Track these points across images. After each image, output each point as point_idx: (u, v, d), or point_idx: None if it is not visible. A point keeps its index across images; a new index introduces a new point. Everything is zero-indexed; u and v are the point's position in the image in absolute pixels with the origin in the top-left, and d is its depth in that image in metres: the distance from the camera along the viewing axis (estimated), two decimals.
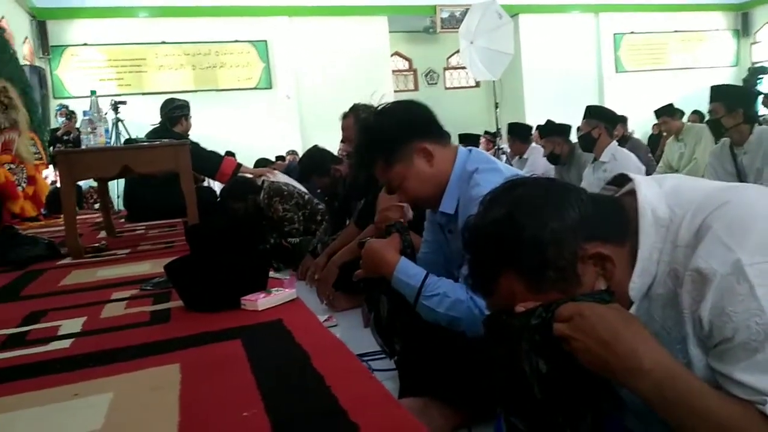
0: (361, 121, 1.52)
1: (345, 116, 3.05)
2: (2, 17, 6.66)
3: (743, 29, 13.59)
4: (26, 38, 9.58)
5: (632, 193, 0.87)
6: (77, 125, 7.88)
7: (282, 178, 4.49)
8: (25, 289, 2.10)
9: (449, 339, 1.37)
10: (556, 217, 0.81)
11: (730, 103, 3.02)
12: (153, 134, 4.24)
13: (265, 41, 11.53)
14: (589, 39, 13.32)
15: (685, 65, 13.58)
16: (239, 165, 4.57)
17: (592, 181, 3.75)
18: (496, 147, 7.41)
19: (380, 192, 2.20)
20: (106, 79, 10.73)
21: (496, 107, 8.23)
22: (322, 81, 11.64)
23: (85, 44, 10.65)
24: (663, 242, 0.82)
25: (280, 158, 9.43)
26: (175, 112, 4.62)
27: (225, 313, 1.50)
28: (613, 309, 0.78)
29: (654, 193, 0.86)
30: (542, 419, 0.82)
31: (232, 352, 1.19)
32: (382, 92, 11.98)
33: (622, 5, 13.29)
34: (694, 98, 9.66)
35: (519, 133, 5.47)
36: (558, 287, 0.81)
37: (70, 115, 7.98)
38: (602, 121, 3.74)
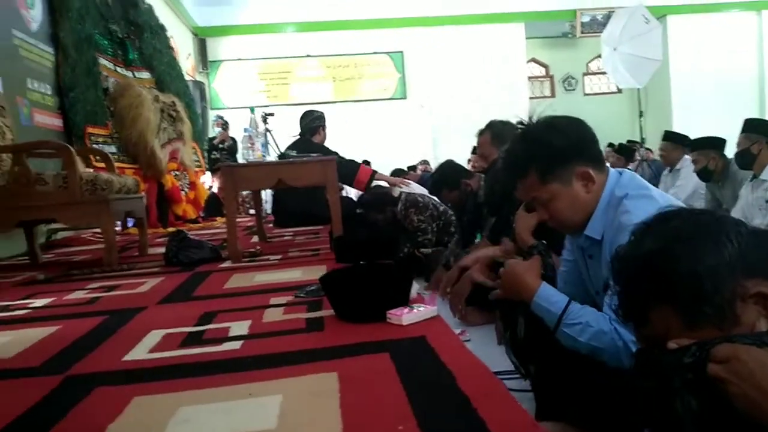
0: (527, 129, 1.48)
1: (481, 133, 3.07)
2: (172, 37, 7.44)
3: None
4: (189, 54, 10.60)
5: None
6: (231, 134, 8.63)
7: (418, 189, 4.61)
8: (196, 290, 2.38)
9: (589, 365, 1.36)
10: (712, 252, 0.81)
11: None
12: (295, 145, 4.56)
13: (401, 52, 11.82)
14: (749, 39, 12.17)
15: None
16: (374, 172, 4.77)
17: (750, 201, 3.47)
18: (640, 159, 7.01)
19: (518, 209, 2.20)
20: (256, 91, 11.60)
21: (641, 116, 7.79)
22: (456, 90, 11.70)
23: (239, 59, 11.56)
24: None
25: (411, 168, 9.62)
26: (314, 123, 4.94)
27: (372, 325, 1.61)
28: None
29: None
30: None
31: (381, 364, 1.29)
32: (517, 100, 11.86)
33: None
34: None
35: (676, 141, 5.11)
36: (714, 324, 0.80)
37: (225, 125, 8.73)
38: (764, 136, 3.45)
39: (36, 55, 4.52)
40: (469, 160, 7.44)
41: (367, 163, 10.03)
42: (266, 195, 6.25)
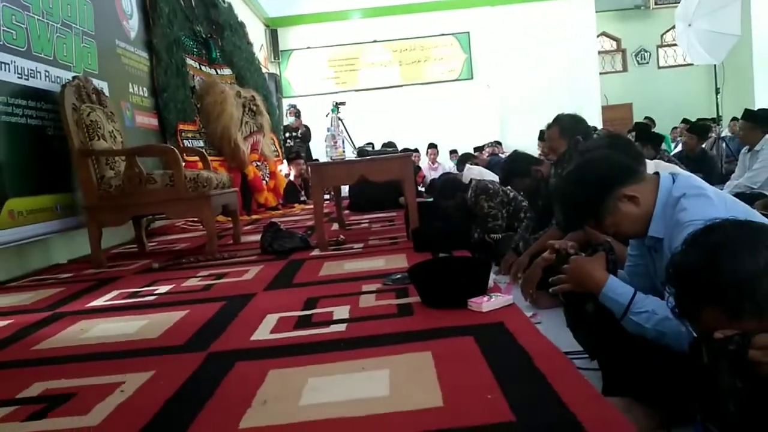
0: (557, 190, 1.64)
1: (549, 127, 3.19)
2: (244, 23, 7.77)
3: None
4: (262, 46, 11.02)
5: None
6: (303, 122, 9.00)
7: (488, 175, 4.77)
8: (295, 277, 2.69)
9: (653, 349, 1.53)
10: (750, 260, 0.98)
11: None
12: None
13: (468, 32, 11.83)
14: None
15: None
16: None
17: None
18: (716, 136, 6.85)
19: None
20: (325, 78, 11.95)
21: (717, 92, 7.56)
22: (523, 69, 11.62)
23: (308, 47, 11.91)
24: None
25: (479, 149, 9.69)
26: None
27: (455, 311, 1.85)
28: None
29: None
30: (735, 429, 1.01)
31: (468, 346, 1.53)
32: (586, 75, 11.58)
33: None
34: None
35: (758, 120, 4.93)
36: (754, 317, 0.98)
37: (298, 114, 9.10)
38: None
39: (134, 61, 4.98)
40: (540, 148, 7.45)
41: (433, 145, 10.26)
42: None
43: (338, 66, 12.11)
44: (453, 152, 10.47)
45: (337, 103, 4.08)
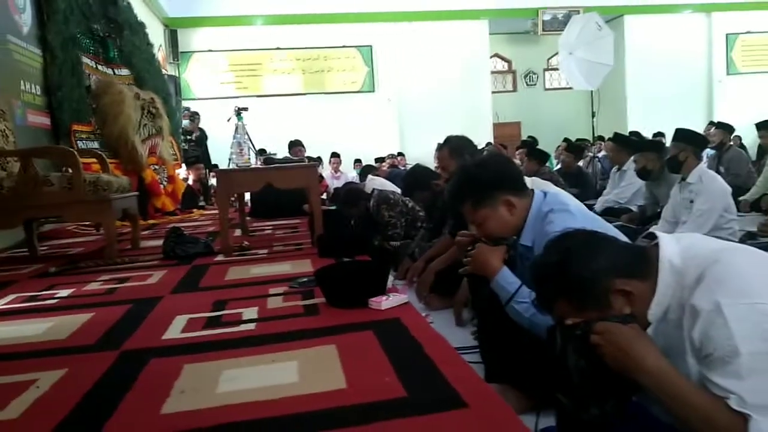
0: (463, 166, 1.88)
1: (440, 147, 3.43)
2: (144, 24, 7.55)
3: None
4: (161, 46, 10.71)
5: (657, 245, 1.27)
6: (202, 125, 8.89)
7: (389, 186, 5.03)
8: (201, 281, 2.76)
9: (527, 338, 1.78)
10: (594, 263, 1.22)
11: None
12: None
13: (370, 46, 12.15)
14: (699, 40, 12.88)
15: None
16: None
17: (678, 200, 3.97)
18: (591, 156, 7.56)
19: None
20: (226, 83, 11.81)
21: (593, 116, 8.35)
22: (422, 84, 12.09)
23: (210, 50, 11.73)
24: (675, 284, 1.20)
25: (380, 160, 10.01)
26: None
27: (357, 310, 2.04)
28: (632, 328, 1.17)
29: (672, 250, 1.24)
30: (579, 398, 1.26)
31: (368, 339, 1.72)
32: (480, 94, 12.26)
33: (737, 4, 12.70)
34: None
35: (624, 142, 5.52)
36: (596, 309, 1.23)
37: (193, 117, 8.96)
38: (690, 145, 3.95)
39: (27, 58, 4.77)
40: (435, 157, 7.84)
41: (335, 155, 10.46)
42: None
43: (240, 71, 12.02)
44: (357, 161, 10.73)
45: (239, 109, 4.11)
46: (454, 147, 3.26)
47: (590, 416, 1.20)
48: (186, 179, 7.97)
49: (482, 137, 10.76)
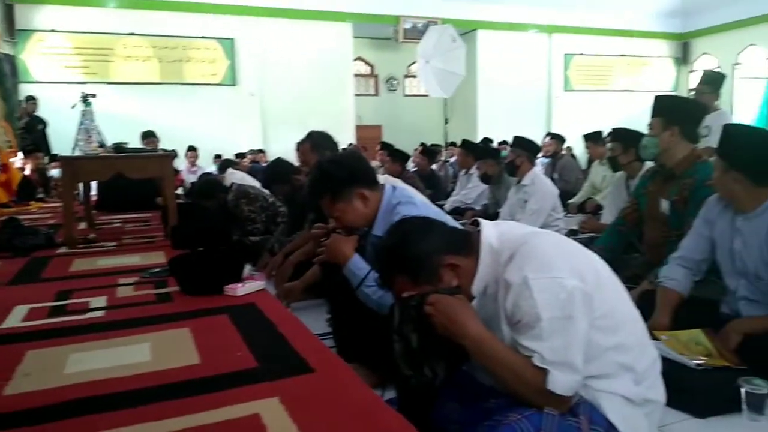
0: (319, 163, 2.00)
1: (301, 142, 3.52)
2: None
3: (683, 57, 14.74)
4: None
5: (480, 230, 1.47)
6: (40, 112, 8.16)
7: (249, 181, 5.00)
8: (43, 272, 2.61)
9: (374, 321, 1.93)
10: (426, 242, 1.39)
11: (626, 143, 3.72)
12: None
13: (232, 39, 11.85)
14: (542, 57, 14.10)
15: (628, 88, 14.58)
16: None
17: (514, 201, 4.42)
18: (444, 160, 8.05)
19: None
20: (72, 67, 10.89)
21: (446, 122, 8.87)
22: (286, 81, 12.02)
23: (53, 30, 10.78)
24: (493, 262, 1.41)
25: (240, 156, 9.84)
26: None
27: (213, 297, 2.08)
28: (458, 299, 1.35)
29: (491, 233, 1.45)
30: (414, 363, 1.43)
31: (223, 321, 1.78)
32: (343, 96, 12.49)
33: (573, 27, 14.05)
34: (635, 119, 10.49)
35: (470, 149, 5.99)
36: (429, 282, 1.39)
37: (27, 99, 8.19)
38: (525, 151, 4.40)
39: None
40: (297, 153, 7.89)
41: (192, 148, 10.12)
42: None
43: (88, 55, 11.15)
44: (217, 156, 10.43)
45: (86, 95, 3.86)
46: (316, 142, 3.36)
47: (424, 379, 1.37)
48: (23, 169, 7.29)
49: (345, 138, 10.95)
